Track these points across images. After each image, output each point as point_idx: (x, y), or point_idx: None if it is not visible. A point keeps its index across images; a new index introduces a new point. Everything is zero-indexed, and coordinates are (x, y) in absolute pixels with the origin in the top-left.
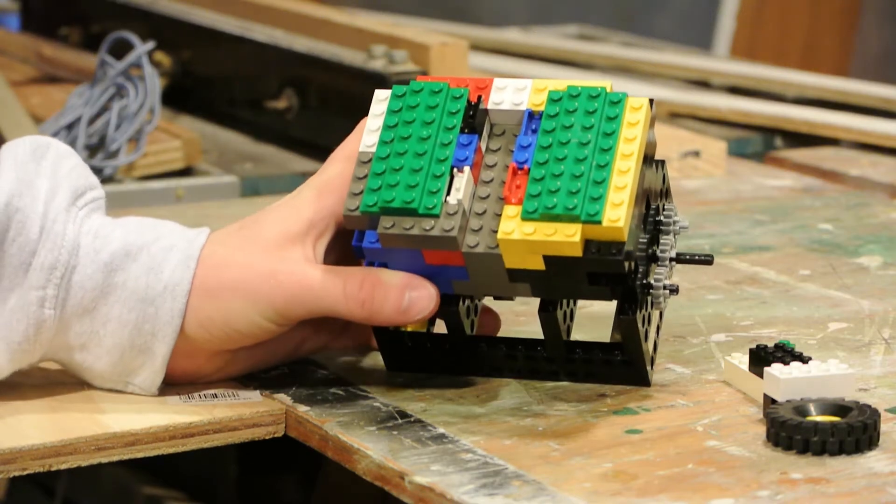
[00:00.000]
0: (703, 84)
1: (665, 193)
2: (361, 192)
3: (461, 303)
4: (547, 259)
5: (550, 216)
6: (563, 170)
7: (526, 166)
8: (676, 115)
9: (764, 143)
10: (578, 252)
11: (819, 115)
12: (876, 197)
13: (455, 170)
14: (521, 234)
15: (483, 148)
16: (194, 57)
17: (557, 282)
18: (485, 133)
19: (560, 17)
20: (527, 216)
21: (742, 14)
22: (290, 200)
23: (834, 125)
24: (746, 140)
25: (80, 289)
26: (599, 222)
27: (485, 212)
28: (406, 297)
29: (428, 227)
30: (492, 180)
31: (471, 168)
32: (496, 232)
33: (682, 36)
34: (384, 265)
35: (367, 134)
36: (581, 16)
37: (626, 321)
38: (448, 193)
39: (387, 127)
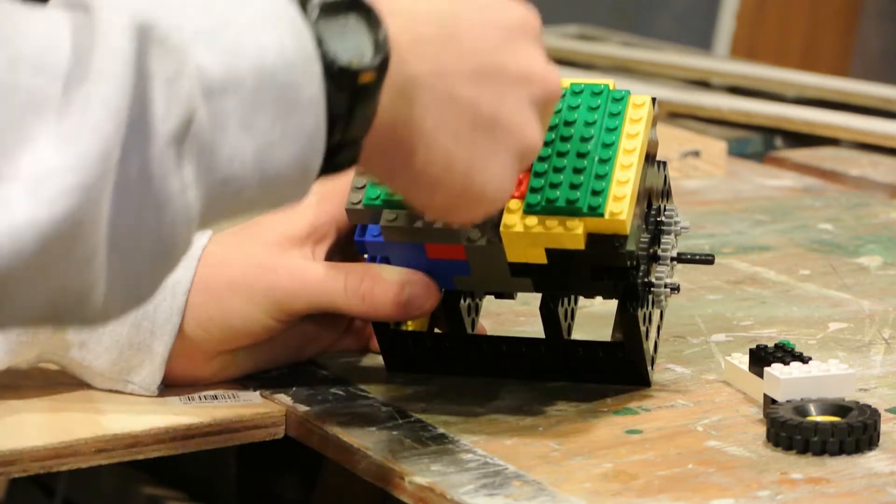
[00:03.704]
0: (703, 84)
1: (666, 194)
2: (364, 187)
3: (462, 300)
4: (549, 252)
5: (553, 209)
6: (565, 164)
7: None
8: (676, 115)
9: (764, 143)
10: (581, 245)
11: (819, 115)
12: (876, 197)
13: None
14: (523, 227)
15: None
16: None
17: (560, 276)
18: None
19: (560, 17)
20: (529, 210)
21: (742, 14)
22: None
23: (834, 125)
24: (746, 140)
25: None
26: (602, 215)
27: None
28: (406, 292)
29: (430, 221)
30: None
31: None
32: (498, 226)
33: (682, 36)
34: (386, 260)
35: None
36: (581, 16)
37: (627, 317)
38: None
39: None
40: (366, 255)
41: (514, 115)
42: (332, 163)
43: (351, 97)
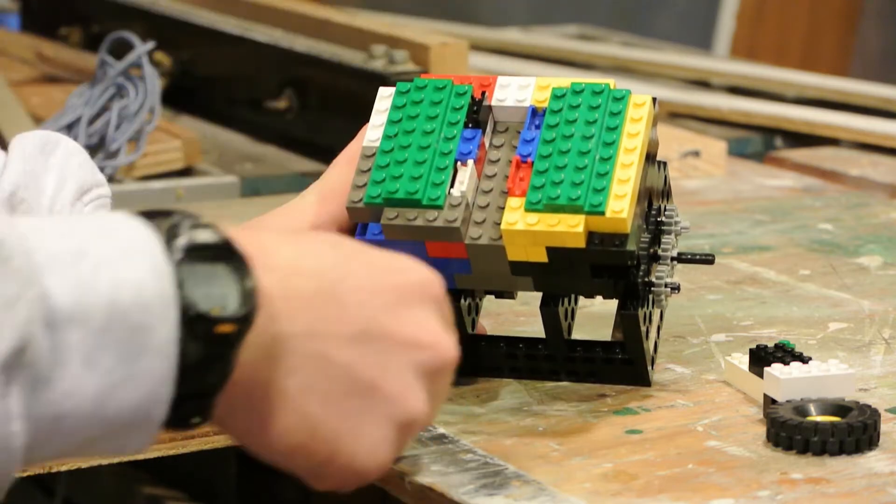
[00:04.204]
0: (703, 84)
1: (666, 195)
2: (365, 185)
3: (462, 300)
4: (550, 251)
5: (554, 207)
6: (566, 162)
7: (529, 159)
8: (676, 115)
9: (764, 143)
10: (582, 243)
11: (819, 115)
12: (876, 197)
13: (459, 163)
14: (524, 224)
15: (486, 143)
16: (194, 57)
17: (560, 275)
18: (488, 129)
19: (560, 17)
20: (530, 207)
21: (742, 14)
22: (292, 205)
23: (834, 125)
24: (746, 140)
25: None
26: (603, 213)
27: (488, 205)
28: None
29: (431, 219)
30: (495, 175)
31: (474, 162)
32: (499, 224)
33: (682, 36)
34: None
35: (371, 129)
36: (581, 16)
37: (627, 316)
38: (451, 186)
39: (391, 122)
40: None
41: (395, 383)
42: (180, 414)
43: (206, 347)
